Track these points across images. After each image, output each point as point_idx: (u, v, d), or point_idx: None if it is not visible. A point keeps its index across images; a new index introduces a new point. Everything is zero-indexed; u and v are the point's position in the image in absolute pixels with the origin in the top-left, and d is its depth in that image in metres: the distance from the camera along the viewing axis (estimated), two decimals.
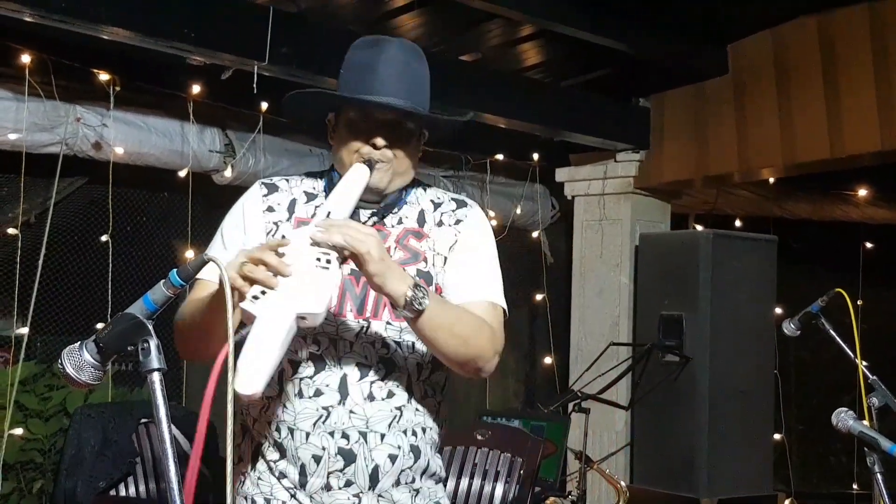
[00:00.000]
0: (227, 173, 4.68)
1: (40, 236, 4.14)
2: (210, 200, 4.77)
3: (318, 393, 2.14)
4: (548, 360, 5.96)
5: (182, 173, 4.58)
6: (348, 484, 2.16)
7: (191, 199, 4.57)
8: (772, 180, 5.68)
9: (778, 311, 5.13)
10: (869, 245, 6.44)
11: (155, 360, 1.69)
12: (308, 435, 2.15)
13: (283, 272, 1.84)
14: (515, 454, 4.33)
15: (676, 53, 4.98)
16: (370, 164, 2.12)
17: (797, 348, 6.01)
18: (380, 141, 2.11)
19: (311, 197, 2.25)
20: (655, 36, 4.77)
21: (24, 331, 4.09)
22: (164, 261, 4.97)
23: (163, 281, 1.76)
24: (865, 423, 2.79)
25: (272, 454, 2.17)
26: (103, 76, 4.25)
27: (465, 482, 4.40)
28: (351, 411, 2.12)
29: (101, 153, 4.31)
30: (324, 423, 2.14)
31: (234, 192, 4.72)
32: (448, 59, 4.68)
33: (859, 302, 5.68)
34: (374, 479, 2.18)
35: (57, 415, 4.57)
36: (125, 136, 4.36)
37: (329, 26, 4.25)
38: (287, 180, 2.28)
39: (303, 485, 2.16)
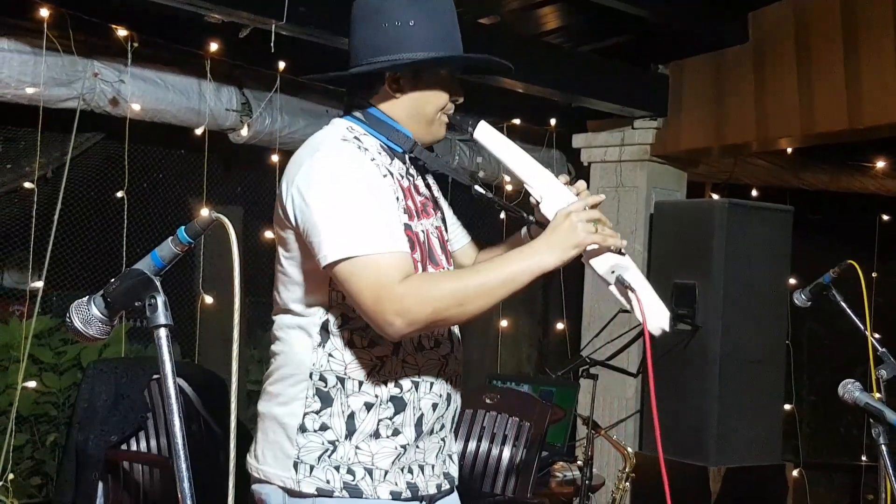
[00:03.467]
0: (244, 132, 4.64)
1: (56, 191, 4.10)
2: (226, 159, 4.80)
3: (437, 343, 2.24)
4: (560, 325, 5.92)
5: (198, 131, 4.54)
6: (441, 427, 2.28)
7: (207, 158, 4.55)
8: (789, 150, 5.69)
9: (792, 281, 5.09)
10: (886, 217, 6.47)
11: (162, 316, 1.68)
12: (432, 385, 2.23)
13: (617, 244, 2.10)
14: (524, 418, 4.34)
15: (696, 21, 4.97)
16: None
17: (811, 319, 6.05)
18: (461, 98, 2.26)
19: (396, 161, 2.26)
20: (675, 3, 4.77)
21: (39, 285, 4.07)
22: (179, 218, 4.90)
23: (171, 238, 1.75)
24: (873, 394, 2.78)
25: (385, 412, 2.17)
26: (121, 32, 4.18)
27: (472, 445, 4.42)
28: (456, 357, 2.28)
29: (117, 109, 4.26)
30: (444, 371, 2.26)
31: (249, 151, 4.70)
32: (466, 21, 4.62)
33: (874, 275, 5.62)
34: (453, 420, 2.34)
35: (71, 369, 4.59)
36: (142, 92, 4.31)
37: None
38: (357, 146, 2.21)
39: (416, 435, 2.20)
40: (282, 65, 4.53)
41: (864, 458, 6.31)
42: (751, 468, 4.98)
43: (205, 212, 4.53)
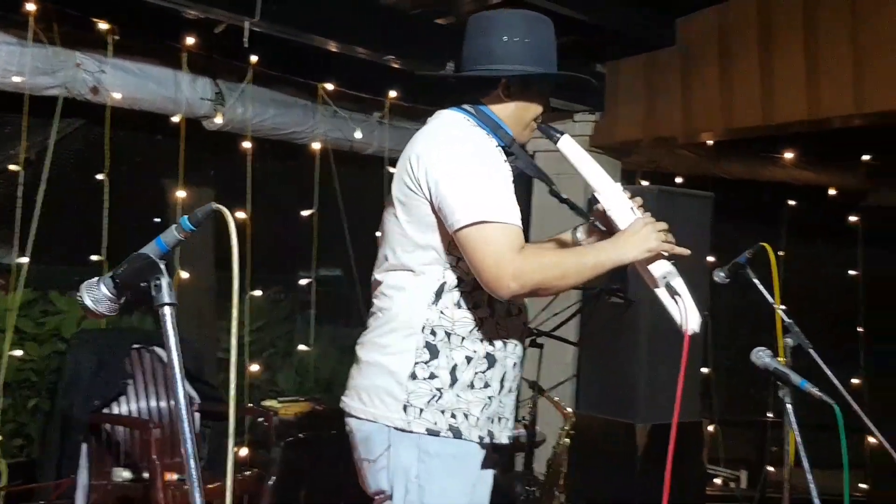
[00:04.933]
0: (218, 120, 4.62)
1: (40, 173, 4.08)
2: (200, 145, 4.73)
3: (520, 311, 2.37)
4: None
5: (175, 119, 4.53)
6: (516, 387, 2.42)
7: (183, 143, 4.51)
8: (710, 143, 5.69)
9: (711, 259, 5.06)
10: (792, 203, 6.50)
11: (166, 296, 1.72)
12: (515, 346, 2.37)
13: (685, 254, 2.28)
14: None
15: (631, 24, 4.96)
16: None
17: (727, 294, 5.94)
18: (548, 112, 2.46)
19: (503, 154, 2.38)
20: (612, 8, 4.75)
21: (25, 260, 4.04)
22: (155, 199, 4.95)
23: (174, 225, 1.77)
24: (780, 360, 2.89)
25: (480, 365, 2.29)
26: (103, 25, 4.17)
27: None
28: (526, 326, 2.44)
29: (98, 97, 4.24)
30: (522, 335, 2.41)
31: (223, 137, 4.65)
32: (425, 21, 4.62)
33: (781, 254, 5.72)
34: (518, 383, 2.45)
35: (51, 339, 4.56)
36: (122, 82, 4.29)
37: None
38: (482, 134, 2.33)
39: (500, 389, 2.33)
40: (254, 58, 4.51)
41: (769, 415, 6.33)
42: (667, 427, 4.99)
43: (181, 193, 4.48)
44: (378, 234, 2.47)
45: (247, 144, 4.71)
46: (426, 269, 2.27)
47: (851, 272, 6.56)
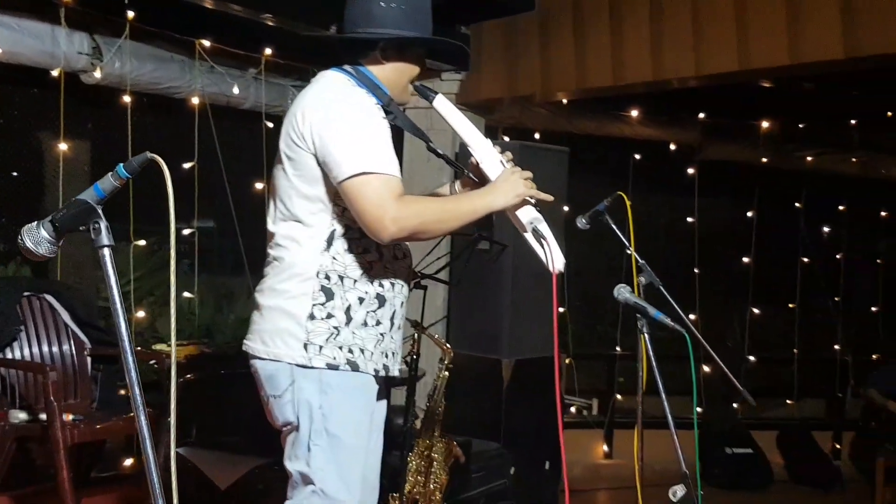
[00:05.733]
0: (97, 74, 4.54)
1: None
2: (78, 98, 4.66)
3: (405, 255, 2.49)
4: None
5: (54, 73, 4.42)
6: (402, 327, 2.53)
7: (63, 97, 4.43)
8: (565, 101, 5.77)
9: (566, 209, 5.32)
10: (638, 157, 6.62)
11: (105, 238, 1.79)
12: (402, 286, 2.47)
13: (548, 200, 2.41)
14: None
15: None
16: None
17: (578, 243, 6.04)
18: (424, 74, 2.52)
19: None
20: None
21: None
22: (39, 150, 4.85)
23: (111, 173, 1.83)
24: (636, 296, 3.03)
25: (372, 305, 2.39)
26: None
27: None
28: (411, 268, 2.54)
29: None
30: (407, 277, 2.50)
31: (101, 91, 4.64)
32: None
33: (628, 203, 6.10)
34: (404, 321, 2.55)
35: None
36: (1, 37, 4.16)
37: None
38: (362, 93, 2.37)
39: (391, 326, 2.45)
40: (131, 14, 4.44)
41: (618, 348, 6.64)
42: (533, 359, 5.11)
43: (63, 146, 4.43)
44: (259, 185, 2.59)
45: (126, 99, 4.63)
46: (315, 218, 2.34)
47: (689, 219, 6.72)
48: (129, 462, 4.79)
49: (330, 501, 2.35)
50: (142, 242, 4.91)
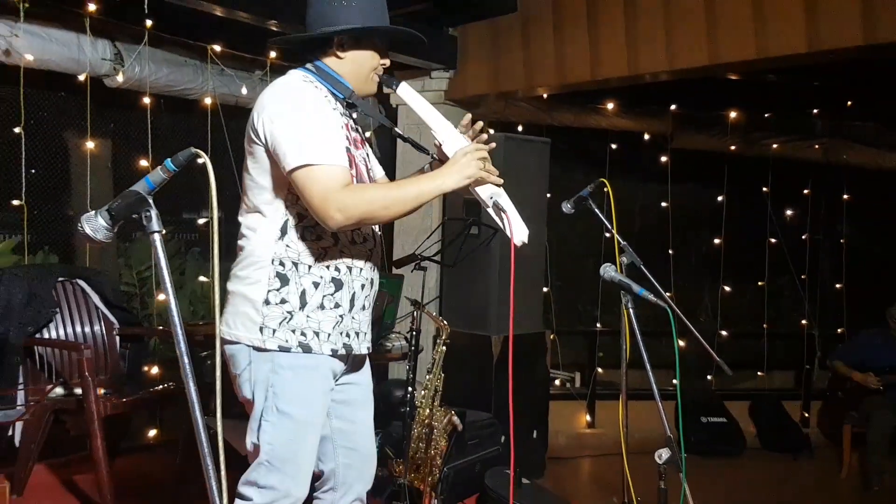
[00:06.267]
0: (119, 78, 4.66)
1: None
2: (102, 100, 4.78)
3: (364, 239, 2.47)
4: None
5: (81, 78, 4.55)
6: (370, 306, 2.53)
7: (88, 99, 4.55)
8: (545, 96, 5.88)
9: (548, 195, 5.40)
10: (614, 146, 6.68)
11: (156, 225, 1.85)
12: (362, 270, 2.46)
13: (496, 181, 2.34)
14: None
15: None
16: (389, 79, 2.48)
17: (559, 227, 6.18)
18: (388, 62, 2.49)
19: (339, 105, 2.42)
20: None
21: None
22: (66, 148, 4.95)
23: (160, 167, 1.88)
24: (620, 274, 3.06)
25: (328, 289, 2.39)
26: None
27: None
28: (377, 252, 2.52)
29: (11, 59, 4.27)
30: (369, 260, 2.49)
31: (123, 94, 4.82)
32: None
33: (606, 189, 6.30)
34: (372, 301, 2.56)
35: None
36: (32, 45, 4.30)
37: None
38: (314, 86, 2.38)
39: (350, 307, 2.44)
40: (149, 22, 4.54)
41: (598, 325, 6.71)
42: (521, 335, 5.19)
43: (91, 144, 4.63)
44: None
45: (146, 100, 4.73)
46: (271, 208, 2.34)
47: (663, 204, 6.74)
48: (152, 433, 5.02)
49: (276, 472, 2.36)
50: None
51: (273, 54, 5.25)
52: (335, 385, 2.50)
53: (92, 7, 4.43)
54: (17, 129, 4.39)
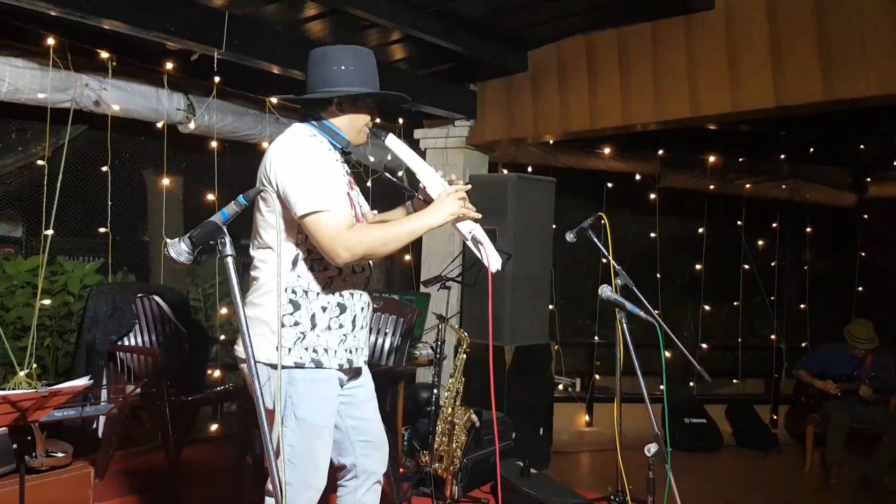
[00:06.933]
0: (191, 126, 4.67)
1: (59, 166, 4.05)
2: (176, 144, 4.79)
3: (363, 269, 2.47)
4: (407, 257, 5.98)
5: (158, 125, 4.56)
6: (365, 325, 2.51)
7: (165, 143, 4.57)
8: (551, 142, 5.87)
9: (553, 227, 5.40)
10: (610, 185, 6.64)
11: (229, 250, 1.90)
12: (361, 295, 2.46)
13: (475, 217, 2.32)
14: (399, 316, 4.52)
15: (495, 55, 5.11)
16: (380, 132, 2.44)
17: (562, 252, 6.17)
18: (378, 119, 2.52)
19: (338, 154, 2.41)
20: (481, 42, 4.88)
21: (50, 232, 4.04)
22: (144, 184, 4.95)
23: (233, 202, 1.93)
24: (615, 294, 3.14)
25: (334, 312, 2.38)
26: (104, 54, 4.22)
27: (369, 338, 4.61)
28: (371, 280, 2.52)
29: (100, 109, 4.29)
30: (366, 287, 2.49)
31: (194, 138, 4.82)
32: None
33: (603, 221, 6.26)
34: (369, 321, 2.55)
35: (60, 292, 4.52)
36: (118, 97, 4.32)
37: (263, 26, 4.31)
38: (319, 141, 2.36)
39: (353, 328, 2.42)
40: (217, 79, 4.55)
41: (596, 338, 6.69)
42: (529, 346, 5.19)
43: (166, 181, 4.64)
44: None
45: (213, 144, 4.72)
46: (282, 245, 2.31)
47: (652, 234, 6.72)
48: (214, 427, 5.01)
49: (297, 469, 2.33)
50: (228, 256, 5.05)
51: None
52: (343, 391, 2.47)
53: (169, 65, 4.46)
54: (104, 168, 4.40)
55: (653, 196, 6.76)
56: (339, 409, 2.46)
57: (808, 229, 7.41)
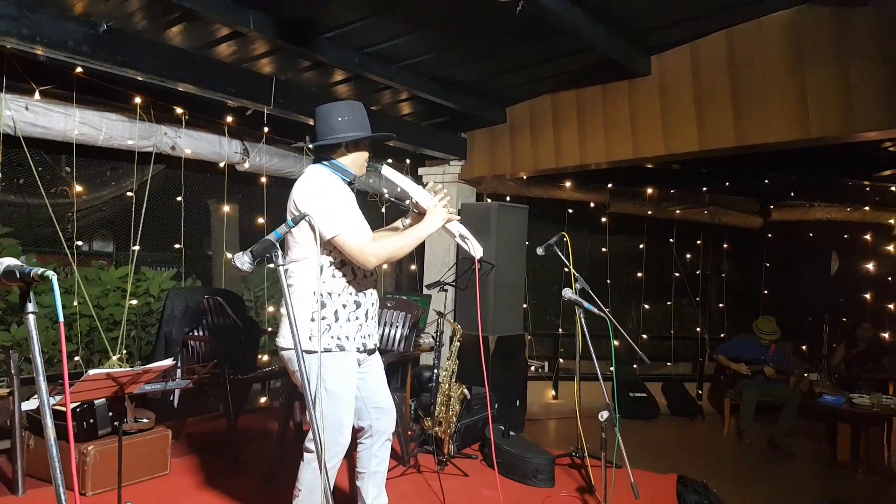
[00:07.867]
0: (245, 165, 4.70)
1: (142, 197, 4.13)
2: (234, 179, 4.82)
3: (372, 273, 2.48)
4: (413, 266, 5.94)
5: (220, 164, 4.60)
6: (375, 316, 2.51)
7: (226, 179, 4.63)
8: (525, 177, 5.76)
9: (526, 243, 5.23)
10: (570, 211, 6.62)
11: (280, 261, 1.91)
12: (372, 293, 2.46)
13: (457, 218, 2.33)
14: (408, 313, 4.57)
15: (480, 109, 5.06)
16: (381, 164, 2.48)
17: (534, 264, 6.07)
18: (371, 154, 2.52)
19: (348, 185, 2.43)
20: (470, 100, 4.87)
21: (136, 248, 4.08)
22: (208, 210, 4.97)
23: (284, 224, 1.98)
24: (575, 295, 3.20)
25: (352, 308, 2.39)
26: (179, 110, 4.27)
27: (384, 328, 4.56)
28: (378, 281, 2.41)
29: (175, 152, 4.32)
30: (375, 286, 2.49)
31: (248, 175, 4.81)
32: (366, 106, 4.77)
33: (565, 239, 6.29)
34: (377, 312, 2.53)
35: (144, 295, 4.59)
36: (189, 143, 4.36)
37: (302, 88, 4.31)
38: (333, 179, 2.37)
39: (366, 319, 2.43)
40: (266, 129, 4.59)
41: (560, 329, 6.68)
42: (508, 336, 5.09)
43: (227, 208, 4.61)
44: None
45: (263, 179, 4.76)
46: (311, 258, 2.29)
47: (603, 249, 6.71)
48: (263, 400, 5.03)
49: (328, 431, 2.32)
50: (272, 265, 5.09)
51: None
52: (360, 369, 2.47)
53: (229, 119, 4.50)
54: (178, 198, 4.48)
55: (604, 219, 6.74)
56: (357, 383, 2.44)
57: (725, 245, 7.41)
